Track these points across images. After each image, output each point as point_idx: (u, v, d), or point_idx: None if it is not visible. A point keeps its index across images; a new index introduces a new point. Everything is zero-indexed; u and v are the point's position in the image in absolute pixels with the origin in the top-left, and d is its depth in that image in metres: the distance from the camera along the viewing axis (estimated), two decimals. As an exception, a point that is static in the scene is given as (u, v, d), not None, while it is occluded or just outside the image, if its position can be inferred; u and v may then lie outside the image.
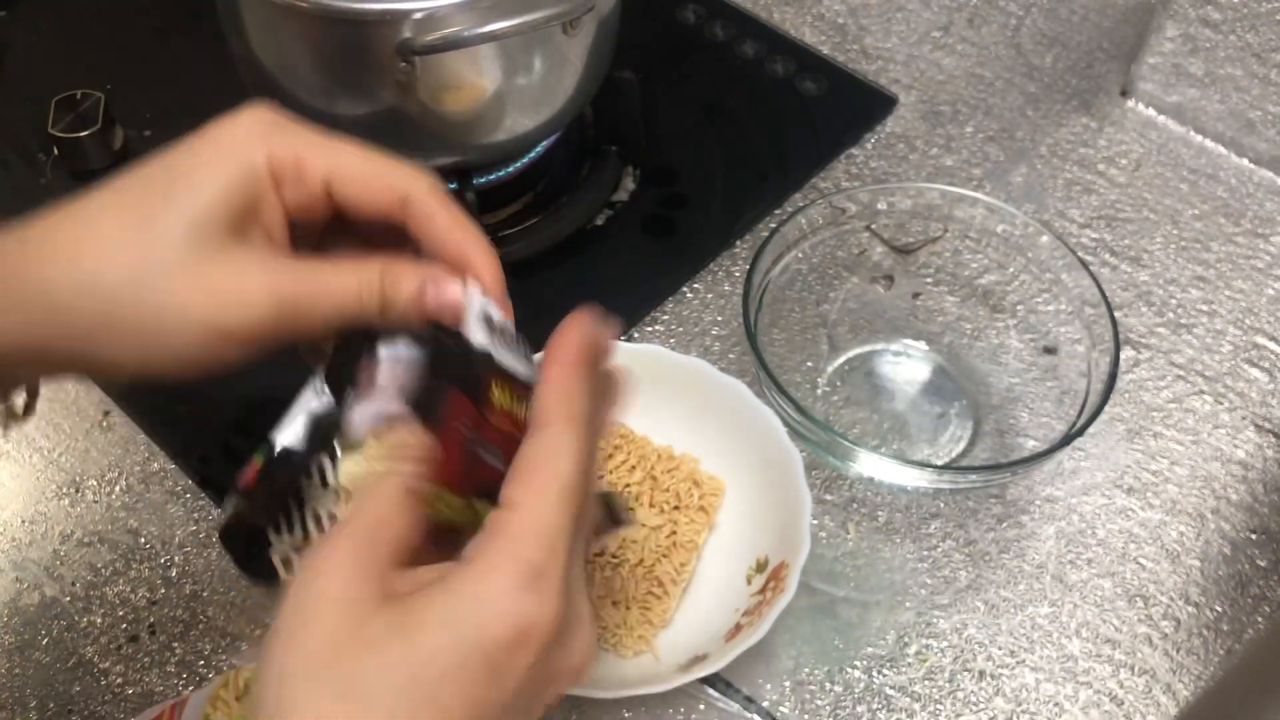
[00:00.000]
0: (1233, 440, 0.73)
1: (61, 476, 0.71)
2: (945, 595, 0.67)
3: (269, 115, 0.44)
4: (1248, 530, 0.70)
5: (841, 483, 0.71)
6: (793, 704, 0.63)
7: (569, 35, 0.69)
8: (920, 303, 0.77)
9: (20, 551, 0.68)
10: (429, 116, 0.70)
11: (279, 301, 0.42)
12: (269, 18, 0.68)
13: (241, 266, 0.42)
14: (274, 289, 0.42)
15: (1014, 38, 0.94)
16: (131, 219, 0.41)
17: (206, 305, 0.41)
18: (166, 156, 0.43)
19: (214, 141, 0.43)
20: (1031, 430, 0.72)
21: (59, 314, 0.41)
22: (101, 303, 0.41)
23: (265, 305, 0.42)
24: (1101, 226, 0.83)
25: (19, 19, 0.92)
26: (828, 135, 0.87)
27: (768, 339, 0.72)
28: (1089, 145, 0.87)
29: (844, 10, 0.95)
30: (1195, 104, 0.87)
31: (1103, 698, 0.64)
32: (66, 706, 0.63)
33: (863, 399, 0.74)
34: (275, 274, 0.42)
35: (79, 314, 0.41)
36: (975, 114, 0.89)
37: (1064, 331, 0.72)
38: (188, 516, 0.69)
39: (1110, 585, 0.68)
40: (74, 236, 0.41)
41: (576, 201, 0.81)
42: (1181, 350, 0.77)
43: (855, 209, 0.75)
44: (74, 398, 0.73)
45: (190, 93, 0.87)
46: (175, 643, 0.65)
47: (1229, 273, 0.81)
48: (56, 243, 0.41)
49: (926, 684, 0.64)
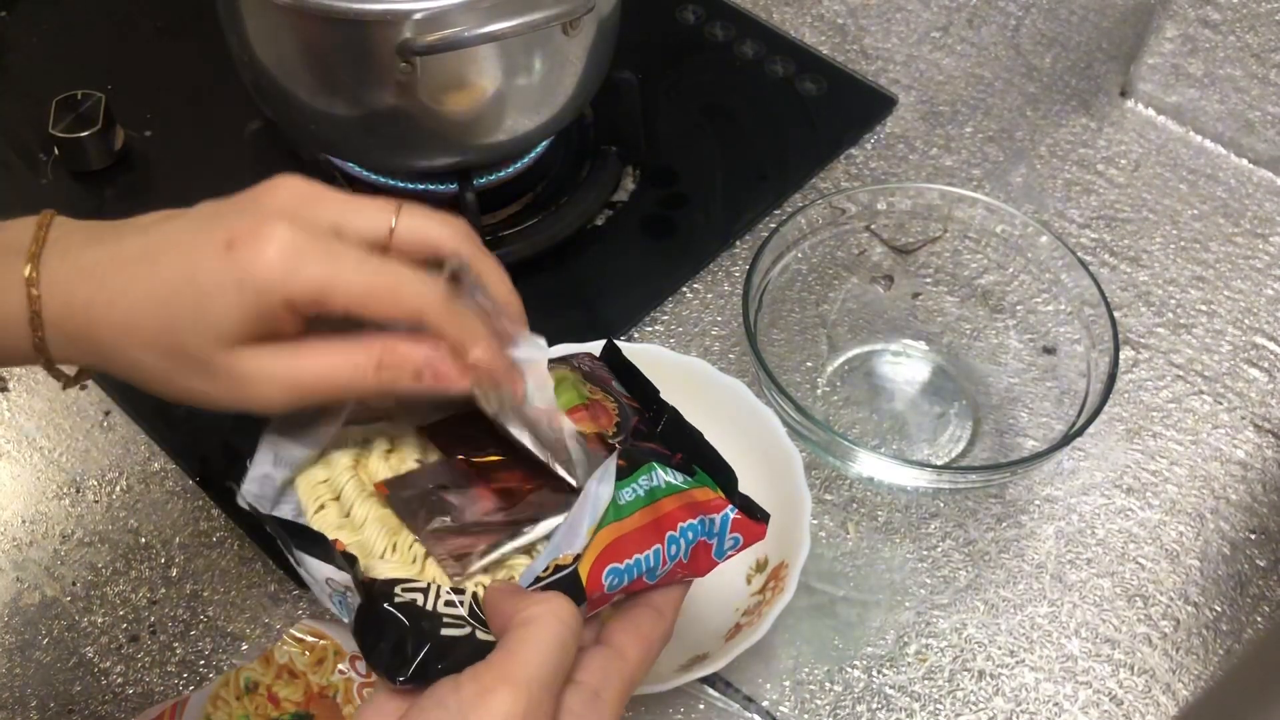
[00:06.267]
0: (1232, 440, 0.73)
1: (62, 476, 0.71)
2: (945, 595, 0.67)
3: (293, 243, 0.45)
4: (1247, 530, 0.70)
5: (841, 483, 0.71)
6: (792, 703, 0.63)
7: (569, 35, 0.69)
8: (920, 303, 0.77)
9: (20, 551, 0.68)
10: (429, 117, 0.70)
11: (290, 390, 0.46)
12: (269, 18, 0.68)
13: (252, 370, 0.46)
14: (277, 384, 0.46)
15: (1013, 38, 0.94)
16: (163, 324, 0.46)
17: (220, 396, 0.47)
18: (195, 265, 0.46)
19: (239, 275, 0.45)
20: (1031, 430, 0.72)
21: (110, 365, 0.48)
22: (140, 378, 0.47)
23: (277, 394, 0.46)
24: (1101, 227, 0.83)
25: (19, 19, 0.92)
26: (827, 135, 0.87)
27: (767, 339, 0.72)
28: (1088, 145, 0.87)
29: (844, 10, 0.95)
30: (1195, 104, 0.87)
31: (1102, 697, 0.64)
32: (67, 706, 0.63)
33: (863, 399, 0.75)
34: (278, 371, 0.46)
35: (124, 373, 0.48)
36: (975, 114, 0.89)
37: (1063, 331, 0.72)
38: (188, 516, 0.69)
39: (1109, 585, 0.68)
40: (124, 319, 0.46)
41: (576, 202, 0.81)
42: (1181, 350, 0.77)
43: (855, 209, 0.75)
44: (74, 398, 0.73)
45: (190, 93, 0.88)
46: (176, 642, 0.65)
47: (1228, 273, 0.81)
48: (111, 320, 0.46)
49: (926, 684, 0.64)
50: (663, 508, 0.46)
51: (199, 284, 0.45)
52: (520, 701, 0.40)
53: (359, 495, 0.48)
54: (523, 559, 0.46)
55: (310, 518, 0.48)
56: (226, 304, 0.45)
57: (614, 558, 0.44)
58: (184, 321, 0.45)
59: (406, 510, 0.47)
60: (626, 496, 0.45)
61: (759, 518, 0.48)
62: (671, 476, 0.47)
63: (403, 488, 0.48)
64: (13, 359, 0.48)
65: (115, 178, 0.83)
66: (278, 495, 0.49)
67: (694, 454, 0.49)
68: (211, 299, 0.45)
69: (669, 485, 0.47)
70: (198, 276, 0.45)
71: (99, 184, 0.82)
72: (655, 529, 0.45)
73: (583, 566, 0.44)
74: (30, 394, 0.74)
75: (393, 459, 0.49)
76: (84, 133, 0.81)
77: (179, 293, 0.45)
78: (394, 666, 0.42)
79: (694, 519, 0.46)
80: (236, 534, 0.68)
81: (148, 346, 0.46)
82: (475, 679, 0.40)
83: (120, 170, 0.83)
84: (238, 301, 0.45)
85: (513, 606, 0.42)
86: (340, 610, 0.45)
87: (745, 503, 0.48)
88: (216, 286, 0.45)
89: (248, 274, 0.45)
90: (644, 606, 0.46)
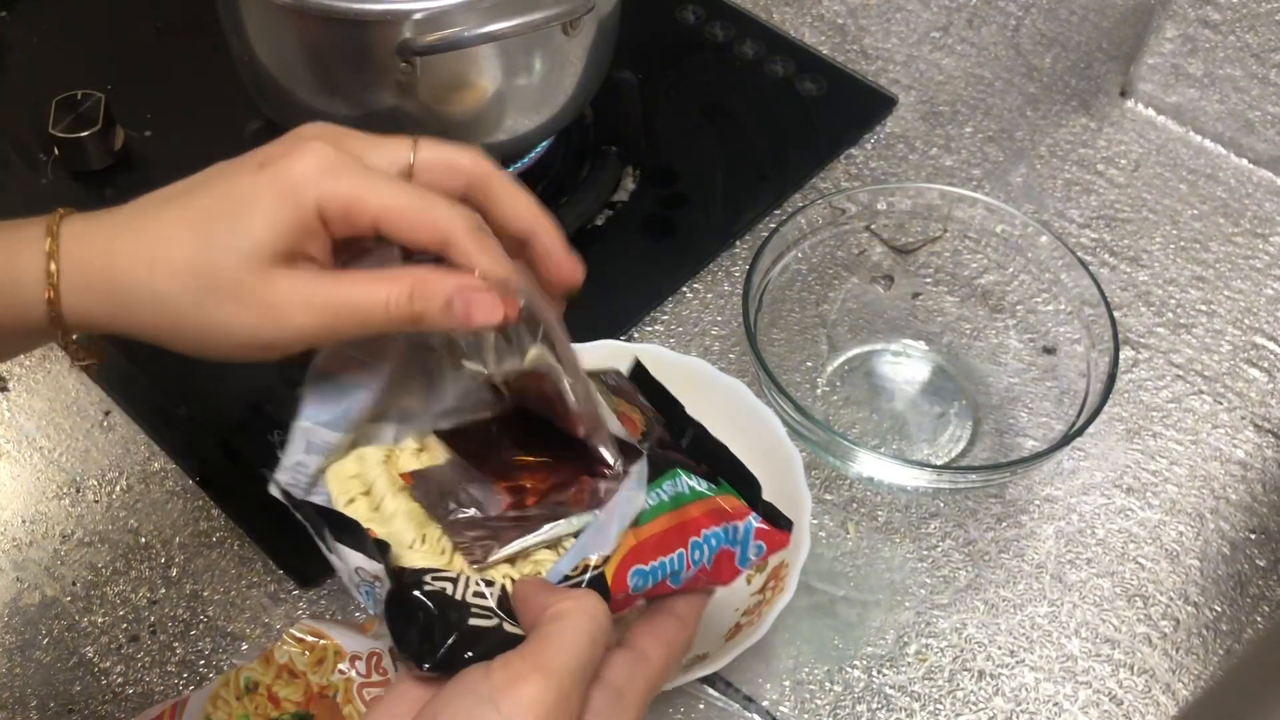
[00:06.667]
0: (1232, 440, 0.73)
1: (62, 476, 0.71)
2: (945, 595, 0.67)
3: (326, 156, 0.46)
4: (1247, 530, 0.70)
5: (841, 483, 0.71)
6: (792, 703, 0.63)
7: (569, 36, 0.69)
8: (920, 303, 0.77)
9: (20, 551, 0.68)
10: (429, 117, 0.70)
11: (316, 319, 0.46)
12: (269, 18, 0.68)
13: (285, 291, 0.46)
14: (310, 309, 0.46)
15: (1013, 38, 0.94)
16: (197, 243, 0.46)
17: (250, 325, 0.46)
18: (231, 182, 0.47)
19: (273, 180, 0.46)
20: (1031, 430, 0.72)
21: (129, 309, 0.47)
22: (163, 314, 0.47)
23: (302, 323, 0.46)
24: (1101, 226, 0.83)
25: (19, 19, 0.92)
26: (827, 135, 0.87)
27: (768, 339, 0.72)
28: (1088, 145, 0.87)
29: (844, 10, 0.95)
30: (1194, 104, 0.87)
31: (1102, 697, 0.64)
32: (67, 706, 0.63)
33: (862, 399, 0.75)
34: (313, 295, 0.46)
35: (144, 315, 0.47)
36: (975, 114, 0.89)
37: (1063, 331, 0.72)
38: (188, 516, 0.69)
39: (1109, 585, 0.68)
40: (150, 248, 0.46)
41: (576, 201, 0.81)
42: (1181, 350, 0.77)
43: (855, 209, 0.75)
44: (74, 398, 0.73)
45: (190, 93, 0.88)
46: (176, 642, 0.65)
47: (1228, 273, 0.81)
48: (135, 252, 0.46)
49: (926, 684, 0.64)
50: (687, 513, 0.46)
51: (235, 196, 0.46)
52: (550, 691, 0.40)
53: (390, 489, 0.48)
54: (547, 554, 0.46)
55: (340, 510, 0.48)
56: (263, 211, 0.45)
57: (638, 560, 0.45)
58: (219, 237, 0.45)
59: (431, 500, 0.47)
60: (650, 501, 0.46)
61: (783, 526, 0.48)
62: (695, 483, 0.47)
63: (428, 479, 0.49)
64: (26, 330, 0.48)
65: (115, 178, 0.83)
66: (309, 485, 0.50)
67: (719, 467, 0.49)
68: (249, 207, 0.45)
69: (693, 491, 0.47)
70: (233, 190, 0.46)
71: (99, 184, 0.82)
72: (679, 533, 0.46)
73: (608, 568, 0.44)
74: (30, 394, 0.74)
75: (423, 457, 0.50)
76: (84, 133, 0.81)
77: (213, 211, 0.46)
78: (421, 653, 0.42)
79: (718, 526, 0.47)
80: (236, 534, 0.68)
81: (176, 274, 0.46)
82: (506, 666, 0.40)
83: (120, 170, 0.83)
84: (274, 208, 0.45)
85: (544, 600, 0.43)
86: (368, 600, 0.45)
87: (769, 511, 0.48)
88: (253, 196, 0.45)
89: (283, 180, 0.45)
90: (667, 613, 0.46)
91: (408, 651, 0.42)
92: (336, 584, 0.66)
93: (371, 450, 0.50)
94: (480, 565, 0.45)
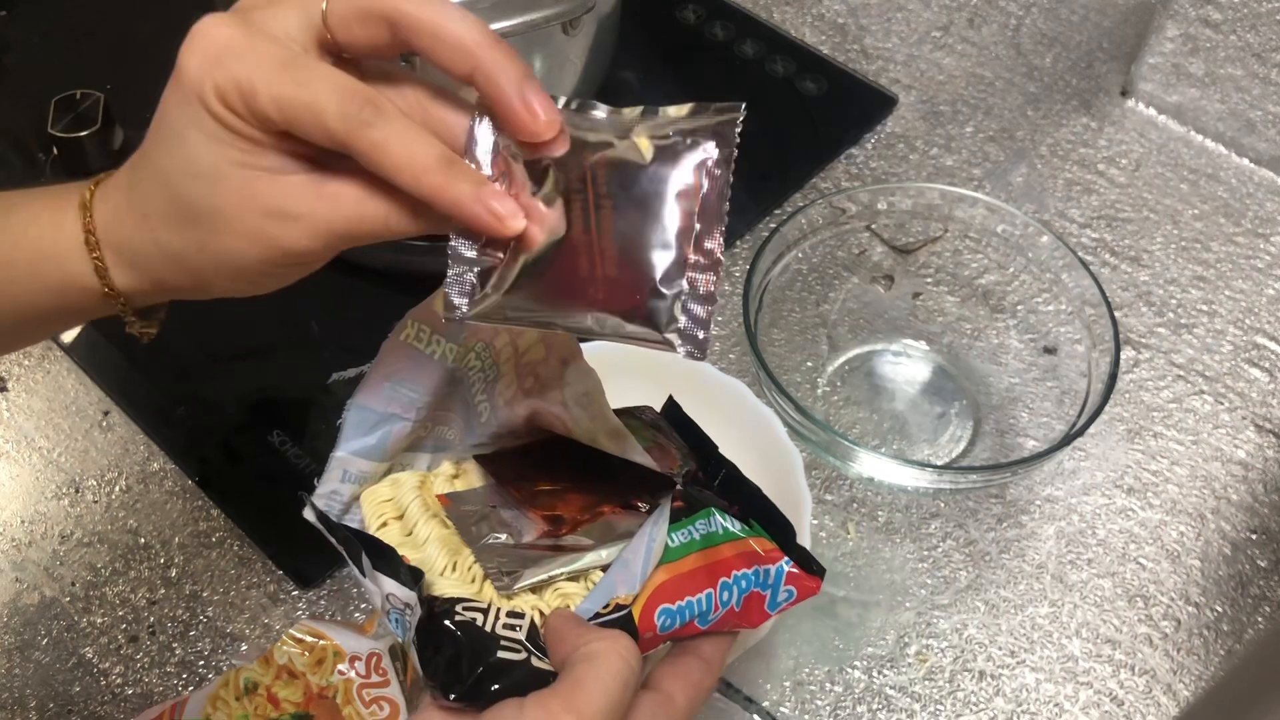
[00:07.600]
0: (1233, 440, 0.73)
1: (61, 476, 0.70)
2: (945, 595, 0.67)
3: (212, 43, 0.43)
4: (1248, 530, 0.70)
5: (841, 483, 0.71)
6: (793, 704, 0.63)
7: (569, 35, 0.69)
8: (920, 303, 0.77)
9: (20, 551, 0.68)
10: (429, 116, 0.69)
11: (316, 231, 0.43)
12: (269, 18, 0.68)
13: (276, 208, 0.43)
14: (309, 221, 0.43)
15: (1014, 38, 0.94)
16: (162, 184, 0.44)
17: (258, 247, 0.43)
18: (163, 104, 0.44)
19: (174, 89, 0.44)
20: (1031, 430, 0.72)
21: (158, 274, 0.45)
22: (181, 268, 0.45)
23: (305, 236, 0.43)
24: (1101, 226, 0.83)
25: (19, 19, 0.92)
26: (828, 135, 0.87)
27: (768, 339, 0.72)
28: (1089, 145, 0.87)
29: (844, 10, 0.95)
30: (1195, 104, 0.87)
31: (1103, 698, 0.64)
32: (66, 706, 0.63)
33: (863, 399, 0.74)
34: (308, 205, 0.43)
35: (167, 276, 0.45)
36: (975, 114, 0.89)
37: (1064, 331, 0.72)
38: (187, 516, 0.69)
39: (1110, 585, 0.68)
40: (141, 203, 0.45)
41: (576, 201, 0.81)
42: (1181, 350, 0.77)
43: (855, 209, 0.75)
44: (73, 398, 0.73)
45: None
46: (175, 643, 0.65)
47: (1229, 273, 0.81)
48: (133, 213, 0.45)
49: (926, 684, 0.64)
50: (719, 554, 0.46)
51: (166, 122, 0.44)
52: None
53: (423, 515, 0.48)
54: (573, 586, 0.46)
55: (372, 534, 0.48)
56: (184, 124, 0.42)
57: (666, 598, 0.45)
58: (173, 171, 0.43)
59: (464, 523, 0.48)
60: (680, 539, 0.46)
61: (815, 571, 0.48)
62: (729, 523, 0.47)
63: (462, 502, 0.49)
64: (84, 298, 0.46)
65: (115, 178, 0.83)
66: (342, 512, 0.50)
67: (750, 508, 0.49)
68: (175, 127, 0.43)
69: (726, 532, 0.47)
70: (164, 116, 0.44)
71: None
72: (709, 574, 0.46)
73: (635, 606, 0.44)
74: (30, 394, 0.74)
75: (457, 483, 0.50)
76: (83, 132, 0.81)
77: (157, 144, 0.44)
78: (448, 682, 0.42)
79: (749, 569, 0.47)
80: (236, 534, 0.68)
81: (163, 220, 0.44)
82: (541, 705, 0.40)
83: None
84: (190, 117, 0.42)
85: (577, 638, 0.42)
86: (396, 628, 0.45)
87: (802, 556, 0.48)
88: (175, 112, 0.43)
89: (182, 84, 0.43)
90: (693, 655, 0.46)
91: (434, 680, 0.42)
92: (336, 584, 0.66)
93: (406, 475, 0.50)
94: (506, 591, 0.45)
